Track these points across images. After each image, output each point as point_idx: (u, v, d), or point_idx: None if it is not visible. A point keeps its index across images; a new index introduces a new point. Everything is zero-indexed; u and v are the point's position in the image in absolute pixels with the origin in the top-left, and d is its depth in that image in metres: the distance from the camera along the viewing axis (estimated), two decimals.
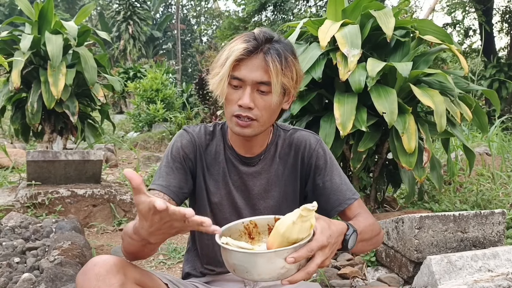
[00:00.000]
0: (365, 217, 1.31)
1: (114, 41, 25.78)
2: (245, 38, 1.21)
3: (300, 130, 1.44)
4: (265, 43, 1.20)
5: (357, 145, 2.71)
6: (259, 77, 1.19)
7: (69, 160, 3.89)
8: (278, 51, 1.19)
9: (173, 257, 2.97)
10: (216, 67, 1.23)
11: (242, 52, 1.18)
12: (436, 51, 2.95)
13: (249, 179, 1.37)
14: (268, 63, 1.17)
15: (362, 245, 1.24)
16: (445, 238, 2.05)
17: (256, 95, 1.21)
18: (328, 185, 1.35)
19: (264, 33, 1.22)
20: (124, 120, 13.43)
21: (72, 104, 4.27)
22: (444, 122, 2.54)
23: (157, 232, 0.94)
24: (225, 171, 1.37)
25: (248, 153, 1.37)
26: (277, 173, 1.39)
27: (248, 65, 1.19)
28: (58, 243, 2.40)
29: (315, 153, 1.38)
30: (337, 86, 2.83)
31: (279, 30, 7.80)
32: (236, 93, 1.22)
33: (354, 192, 1.37)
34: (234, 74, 1.20)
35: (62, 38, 4.14)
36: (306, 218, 0.98)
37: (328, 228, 1.03)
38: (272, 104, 1.22)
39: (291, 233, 0.98)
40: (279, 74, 1.18)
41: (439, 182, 3.02)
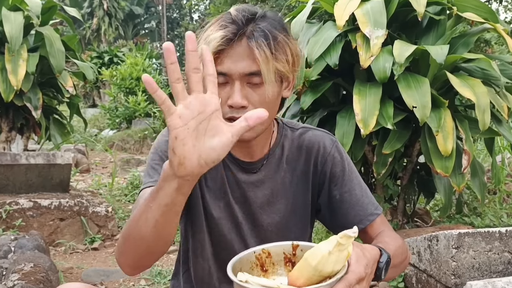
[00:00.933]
0: (393, 238, 1.30)
1: (85, 19, 25.88)
2: (221, 23, 1.19)
3: (312, 129, 1.42)
4: (246, 25, 1.19)
5: (381, 146, 2.71)
6: (246, 67, 1.18)
7: (31, 164, 3.90)
8: (264, 31, 1.18)
9: (158, 282, 2.98)
10: None
11: (220, 42, 1.16)
12: (478, 31, 2.95)
13: (250, 189, 1.36)
14: (253, 49, 1.16)
15: (391, 272, 1.22)
16: (489, 260, 2.05)
17: (247, 89, 1.20)
18: (346, 198, 1.35)
19: (243, 11, 1.21)
20: (97, 115, 13.45)
21: (34, 96, 4.28)
22: (487, 118, 2.54)
23: (194, 136, 0.88)
24: (223, 178, 1.36)
25: (248, 157, 1.36)
26: (284, 181, 1.38)
27: (231, 56, 1.18)
28: (18, 266, 2.41)
29: (331, 158, 1.37)
30: (357, 74, 2.83)
31: (286, 6, 7.82)
32: (223, 91, 1.20)
33: (376, 206, 1.36)
34: (217, 69, 1.15)
35: (22, 15, 4.15)
36: (344, 247, 0.97)
37: (363, 256, 1.03)
38: (267, 96, 1.21)
39: (325, 265, 0.97)
40: (269, 61, 1.17)
41: (481, 191, 3.02)
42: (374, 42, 2.55)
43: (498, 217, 3.28)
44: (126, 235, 1.09)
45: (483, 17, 2.81)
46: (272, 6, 13.54)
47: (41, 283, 2.27)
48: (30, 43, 4.48)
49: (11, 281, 2.22)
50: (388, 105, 2.61)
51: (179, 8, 39.07)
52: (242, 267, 1.10)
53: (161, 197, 0.97)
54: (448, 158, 2.58)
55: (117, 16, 26.54)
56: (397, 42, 2.61)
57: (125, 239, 1.10)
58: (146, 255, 1.10)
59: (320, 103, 2.96)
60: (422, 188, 3.33)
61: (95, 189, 5.30)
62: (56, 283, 2.48)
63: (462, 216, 3.31)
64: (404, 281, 2.39)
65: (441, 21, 2.85)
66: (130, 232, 1.07)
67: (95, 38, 26.48)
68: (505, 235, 2.07)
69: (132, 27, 30.75)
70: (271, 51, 1.17)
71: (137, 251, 1.09)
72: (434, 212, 3.68)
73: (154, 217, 1.00)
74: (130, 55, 12.84)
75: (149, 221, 1.01)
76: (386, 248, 1.17)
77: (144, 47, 16.71)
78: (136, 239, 1.06)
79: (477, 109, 2.51)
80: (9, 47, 4.00)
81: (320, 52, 2.66)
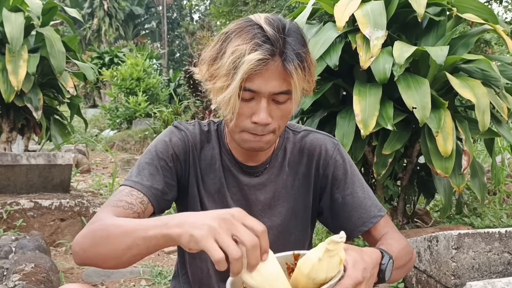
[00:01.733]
0: (397, 239, 1.30)
1: (86, 19, 25.89)
2: (255, 41, 1.13)
3: (314, 132, 1.42)
4: (278, 42, 1.15)
5: (381, 147, 2.71)
6: (277, 87, 1.17)
7: (32, 165, 3.90)
8: (297, 52, 1.15)
9: (158, 283, 2.98)
10: (218, 74, 1.18)
11: (256, 64, 1.13)
12: (477, 32, 2.95)
13: (252, 192, 1.37)
14: (291, 72, 1.14)
15: (396, 274, 1.23)
16: (489, 261, 2.05)
17: (272, 106, 1.20)
18: (349, 200, 1.35)
19: (276, 28, 1.16)
20: (98, 116, 13.46)
21: (35, 96, 4.29)
22: (487, 119, 2.54)
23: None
24: (222, 181, 1.36)
25: (251, 161, 1.36)
26: (286, 184, 1.38)
27: (263, 75, 1.15)
28: (19, 266, 2.41)
29: (333, 161, 1.38)
30: (357, 75, 2.83)
31: (286, 7, 7.81)
32: (248, 106, 1.19)
33: (380, 208, 1.36)
34: (245, 86, 1.16)
35: (23, 16, 4.15)
36: (334, 253, 0.96)
37: (361, 260, 1.02)
38: (290, 112, 1.23)
39: (317, 272, 0.97)
40: (301, 82, 1.17)
41: (481, 192, 3.02)
42: (374, 43, 2.55)
43: (498, 218, 3.28)
44: (97, 241, 1.06)
45: (483, 18, 2.81)
46: (273, 6, 13.54)
47: (42, 283, 2.27)
48: (31, 44, 4.49)
49: (12, 281, 2.22)
50: (388, 106, 2.61)
51: (180, 8, 39.07)
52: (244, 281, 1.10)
53: (153, 245, 0.97)
54: (448, 158, 2.58)
55: (118, 17, 26.54)
56: (397, 43, 2.61)
57: (94, 243, 1.07)
58: (111, 263, 1.07)
59: (320, 103, 2.96)
60: (422, 188, 3.34)
61: (95, 189, 5.30)
62: (57, 283, 2.49)
63: (462, 216, 3.31)
64: (404, 282, 2.39)
65: (441, 22, 2.86)
66: (103, 243, 1.05)
67: (95, 39, 26.49)
68: (505, 235, 2.07)
69: (132, 28, 30.75)
70: (305, 74, 1.17)
71: (104, 258, 1.06)
72: (434, 212, 3.68)
73: (139, 253, 1.00)
74: (130, 55, 12.84)
75: (131, 252, 1.00)
76: (389, 250, 1.17)
77: (145, 48, 16.72)
78: (108, 252, 1.04)
79: (477, 110, 2.51)
80: (9, 48, 4.01)
81: (320, 53, 2.67)
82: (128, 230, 1.01)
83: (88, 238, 1.09)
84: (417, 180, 3.28)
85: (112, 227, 1.05)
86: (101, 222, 1.09)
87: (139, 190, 1.24)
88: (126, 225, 1.02)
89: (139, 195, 1.23)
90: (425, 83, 2.56)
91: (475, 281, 1.86)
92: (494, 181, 3.73)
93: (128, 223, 1.04)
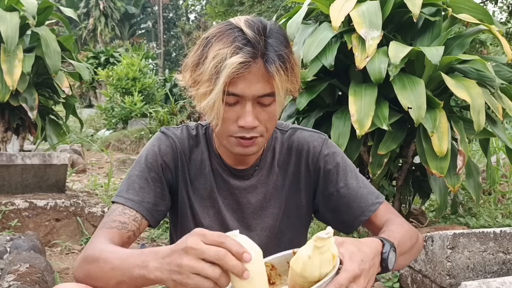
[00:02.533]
0: (399, 224, 1.28)
1: (81, 19, 25.83)
2: (236, 44, 1.13)
3: (301, 130, 1.42)
4: (259, 44, 1.14)
5: (377, 147, 2.71)
6: (261, 90, 1.16)
7: (27, 165, 3.89)
8: (279, 53, 1.15)
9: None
10: (200, 80, 1.17)
11: (238, 67, 1.12)
12: (473, 32, 2.96)
13: (243, 195, 1.36)
14: (273, 74, 1.14)
15: (403, 259, 1.22)
16: (484, 260, 2.06)
17: (257, 109, 1.19)
18: (344, 192, 1.33)
19: (257, 29, 1.16)
20: (94, 116, 13.44)
21: (30, 96, 4.27)
22: (482, 119, 2.55)
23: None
24: (213, 185, 1.36)
25: (241, 165, 1.35)
26: (276, 185, 1.38)
27: (246, 78, 1.14)
28: (14, 266, 2.40)
29: (322, 157, 1.37)
30: (353, 75, 2.83)
31: (282, 7, 7.82)
32: (233, 111, 1.18)
33: (377, 195, 1.35)
34: (229, 90, 1.15)
35: (18, 16, 4.14)
36: (324, 249, 0.95)
37: (358, 252, 1.00)
38: (276, 113, 1.22)
39: (310, 270, 0.95)
40: (284, 83, 1.17)
41: (476, 192, 3.03)
42: (370, 43, 2.55)
43: (493, 218, 3.29)
44: (91, 274, 1.09)
45: (478, 18, 2.82)
46: (269, 6, 13.55)
47: (36, 283, 2.26)
48: (26, 44, 4.47)
49: (6, 281, 2.21)
50: (383, 106, 2.61)
51: (176, 8, 39.03)
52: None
53: (141, 284, 1.00)
54: (443, 158, 2.58)
55: (113, 16, 26.48)
56: (393, 43, 2.61)
57: (89, 276, 1.10)
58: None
59: (316, 104, 2.96)
60: (417, 188, 3.34)
61: (91, 189, 5.29)
62: (52, 283, 2.48)
63: (457, 216, 3.32)
64: (399, 281, 2.39)
65: (436, 22, 2.86)
66: (96, 276, 1.08)
67: (91, 39, 26.44)
68: (500, 235, 2.08)
69: (128, 28, 30.70)
70: (288, 75, 1.16)
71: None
72: (430, 212, 3.69)
73: (129, 286, 1.03)
74: (126, 55, 12.83)
75: (122, 286, 1.03)
76: (391, 236, 1.15)
77: (141, 48, 16.70)
78: (102, 285, 1.07)
79: (472, 110, 2.52)
80: (4, 48, 3.99)
81: (315, 53, 2.67)
82: (115, 266, 1.03)
83: (83, 270, 1.11)
84: (412, 180, 3.28)
85: (101, 261, 1.07)
86: (92, 254, 1.11)
87: (131, 208, 1.24)
88: (113, 262, 1.04)
89: (131, 213, 1.24)
90: (421, 83, 2.57)
91: (470, 281, 1.86)
92: (489, 181, 3.74)
93: (115, 257, 1.05)
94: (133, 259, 1.01)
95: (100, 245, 1.14)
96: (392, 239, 1.13)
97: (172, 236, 1.48)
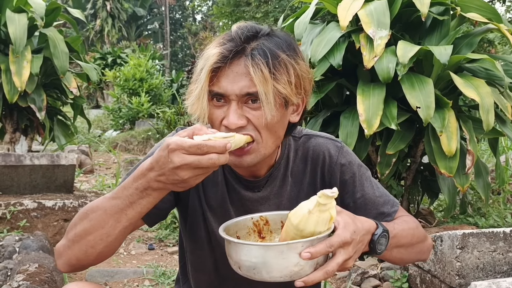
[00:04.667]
0: (403, 220, 1.28)
1: (89, 20, 25.92)
2: (220, 40, 1.16)
3: (316, 137, 1.37)
4: (246, 43, 1.13)
5: (385, 146, 2.71)
6: (244, 88, 1.12)
7: (36, 165, 3.91)
8: (264, 50, 1.11)
9: (162, 283, 2.98)
10: (192, 81, 1.19)
11: (215, 60, 1.11)
12: (481, 31, 2.95)
13: (254, 207, 1.31)
14: (248, 68, 1.10)
15: (399, 252, 1.23)
16: (494, 260, 2.05)
17: (246, 109, 1.14)
18: (361, 203, 1.31)
19: (245, 28, 1.16)
20: (101, 116, 13.47)
21: (38, 97, 4.29)
22: (491, 119, 2.53)
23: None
24: (225, 196, 1.33)
25: (253, 176, 1.31)
26: (290, 196, 1.33)
27: (227, 75, 1.12)
28: (23, 266, 2.41)
29: (338, 167, 1.32)
30: (361, 75, 2.82)
31: (289, 7, 7.82)
32: (220, 112, 1.16)
33: (392, 203, 1.33)
34: (213, 89, 1.14)
35: (26, 17, 4.16)
36: (325, 208, 0.98)
37: (352, 223, 1.04)
38: (267, 119, 1.13)
39: (306, 224, 0.99)
40: (267, 81, 1.09)
41: (485, 192, 3.02)
42: (378, 43, 2.55)
43: (503, 218, 3.27)
44: (79, 226, 1.13)
45: (487, 17, 2.80)
46: (275, 7, 13.55)
47: (46, 283, 2.28)
48: (34, 45, 4.50)
49: (16, 281, 2.22)
50: (391, 105, 2.61)
51: (182, 9, 39.11)
52: (238, 230, 1.14)
53: (143, 205, 1.07)
54: (452, 158, 2.57)
55: (120, 18, 26.56)
56: (401, 43, 2.61)
57: (76, 223, 1.14)
58: (96, 252, 1.13)
59: (324, 103, 2.96)
60: (426, 188, 3.33)
61: (99, 189, 5.30)
62: (60, 283, 2.49)
63: (466, 216, 3.30)
64: (408, 282, 2.39)
65: (444, 21, 2.85)
66: (81, 229, 1.12)
67: (98, 40, 26.53)
68: (510, 235, 2.07)
69: (135, 28, 30.79)
70: (270, 70, 1.10)
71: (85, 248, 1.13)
72: (438, 212, 3.68)
73: (129, 219, 1.09)
74: (133, 56, 12.84)
75: (121, 223, 1.09)
76: (391, 226, 1.17)
77: (147, 48, 16.74)
78: (81, 240, 1.12)
79: (481, 109, 2.51)
80: (13, 49, 4.01)
81: (323, 52, 2.66)
82: (107, 207, 1.09)
83: (70, 237, 1.15)
84: (421, 180, 3.27)
85: (89, 212, 1.12)
86: (77, 216, 1.15)
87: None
88: (103, 204, 1.10)
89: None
90: (429, 82, 2.56)
91: (479, 281, 1.86)
92: (498, 181, 3.71)
93: (100, 201, 1.12)
94: (122, 191, 1.07)
95: (81, 210, 1.17)
96: (390, 228, 1.15)
97: (182, 238, 1.47)
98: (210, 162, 0.97)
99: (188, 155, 0.96)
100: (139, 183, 1.04)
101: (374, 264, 2.78)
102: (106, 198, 1.10)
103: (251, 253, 0.99)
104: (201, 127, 1.02)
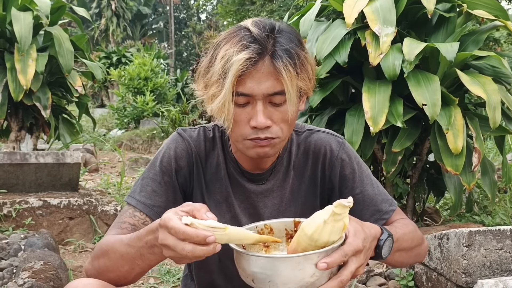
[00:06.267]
0: (403, 224, 1.30)
1: (94, 19, 25.95)
2: (242, 42, 1.13)
3: (317, 132, 1.39)
4: (267, 42, 1.14)
5: (391, 144, 2.70)
6: (270, 88, 1.14)
7: (41, 163, 3.92)
8: (288, 50, 1.14)
9: (167, 281, 2.98)
10: (209, 82, 1.17)
11: (244, 64, 1.11)
12: (488, 29, 2.93)
13: (259, 199, 1.35)
14: (280, 69, 1.12)
15: (400, 256, 1.24)
16: (500, 258, 2.04)
17: (269, 109, 1.17)
18: (359, 199, 1.32)
19: (262, 27, 1.16)
20: (106, 115, 13.52)
21: (44, 95, 4.30)
22: (498, 116, 2.52)
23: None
24: (229, 190, 1.34)
25: (257, 169, 1.33)
26: (292, 189, 1.36)
27: (254, 76, 1.13)
28: (28, 263, 2.42)
29: (339, 162, 1.35)
30: (367, 72, 2.82)
31: (294, 5, 7.82)
32: (244, 112, 1.17)
33: (390, 202, 1.35)
34: (238, 90, 1.14)
35: (32, 15, 4.17)
36: (340, 217, 0.98)
37: (362, 231, 1.05)
38: (290, 115, 1.18)
39: (321, 234, 0.99)
40: (294, 80, 1.14)
41: (492, 190, 3.01)
42: (384, 40, 2.54)
43: (509, 216, 3.26)
44: (100, 261, 1.17)
45: (494, 15, 2.79)
46: (280, 5, 13.55)
47: (51, 280, 2.28)
48: (39, 43, 4.51)
49: (21, 278, 2.23)
50: (397, 103, 2.60)
51: (187, 8, 39.16)
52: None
53: (151, 260, 1.08)
54: (458, 156, 2.56)
55: (125, 17, 26.64)
56: (407, 40, 2.60)
57: (98, 257, 1.18)
58: (119, 282, 1.17)
59: (329, 101, 2.95)
60: (431, 186, 3.32)
61: (104, 188, 5.31)
62: (66, 281, 2.49)
63: (472, 214, 3.29)
64: (414, 280, 2.38)
65: (451, 18, 2.84)
66: (102, 264, 1.16)
67: (103, 39, 26.62)
68: None
69: (140, 28, 30.86)
70: (297, 71, 1.14)
71: (109, 279, 1.16)
72: (444, 210, 3.67)
73: (141, 268, 1.11)
74: (138, 55, 12.88)
75: (123, 261, 1.11)
76: (392, 230, 1.17)
77: (152, 48, 16.77)
78: (105, 273, 1.16)
79: (488, 106, 2.50)
80: (18, 47, 4.03)
81: (329, 50, 2.66)
82: (124, 253, 1.11)
83: (94, 267, 1.19)
84: (426, 178, 3.26)
85: (110, 252, 1.15)
86: (100, 248, 1.19)
87: (141, 211, 1.27)
88: (120, 249, 1.12)
89: (141, 216, 1.26)
90: (435, 80, 2.55)
91: (486, 279, 1.85)
92: (505, 179, 3.70)
93: (120, 245, 1.13)
94: (136, 241, 1.08)
95: (106, 238, 1.19)
96: (392, 232, 1.16)
97: None
98: (183, 252, 0.96)
99: (170, 235, 0.97)
100: (149, 238, 1.05)
101: (379, 262, 2.78)
102: (123, 242, 1.12)
103: (267, 265, 0.98)
104: (201, 207, 1.01)
